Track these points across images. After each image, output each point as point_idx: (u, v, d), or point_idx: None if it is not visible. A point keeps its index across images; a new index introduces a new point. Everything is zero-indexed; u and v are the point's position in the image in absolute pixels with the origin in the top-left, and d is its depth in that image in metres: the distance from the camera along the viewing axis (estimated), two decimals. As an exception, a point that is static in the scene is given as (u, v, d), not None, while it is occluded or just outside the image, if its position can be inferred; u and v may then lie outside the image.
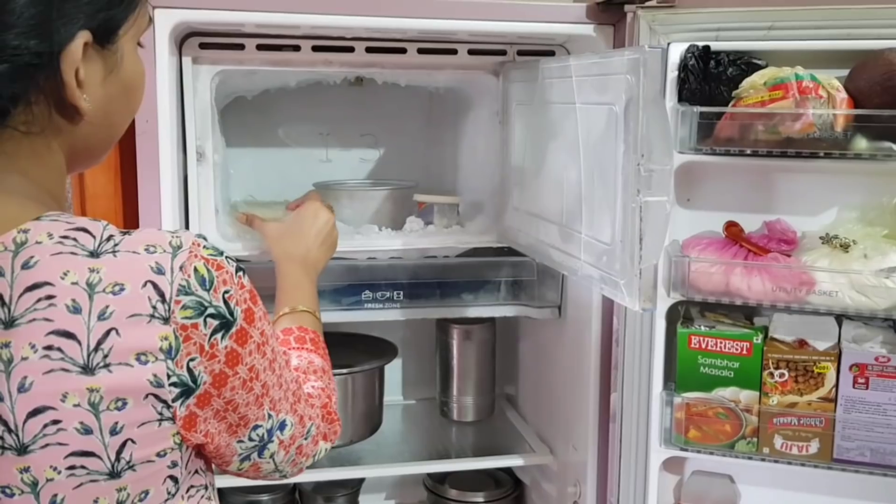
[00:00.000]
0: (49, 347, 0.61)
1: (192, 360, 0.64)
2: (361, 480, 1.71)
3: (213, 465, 0.76)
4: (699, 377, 1.29)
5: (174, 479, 0.67)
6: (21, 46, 0.62)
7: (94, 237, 0.64)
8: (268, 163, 1.71)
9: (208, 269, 0.65)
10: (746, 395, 1.27)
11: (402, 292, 1.52)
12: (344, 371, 1.52)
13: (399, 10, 1.25)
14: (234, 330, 0.67)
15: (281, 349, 0.78)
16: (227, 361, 0.67)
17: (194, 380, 0.65)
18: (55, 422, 0.61)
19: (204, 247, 0.67)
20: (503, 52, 1.45)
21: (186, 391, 0.65)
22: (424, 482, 1.75)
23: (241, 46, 1.33)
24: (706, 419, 1.29)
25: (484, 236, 1.52)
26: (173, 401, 0.64)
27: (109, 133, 0.74)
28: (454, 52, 1.43)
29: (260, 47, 1.34)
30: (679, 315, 1.32)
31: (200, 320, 0.64)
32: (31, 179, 0.67)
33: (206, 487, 0.73)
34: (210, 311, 0.65)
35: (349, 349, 1.60)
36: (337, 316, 1.47)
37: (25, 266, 0.61)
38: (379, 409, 1.63)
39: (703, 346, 1.28)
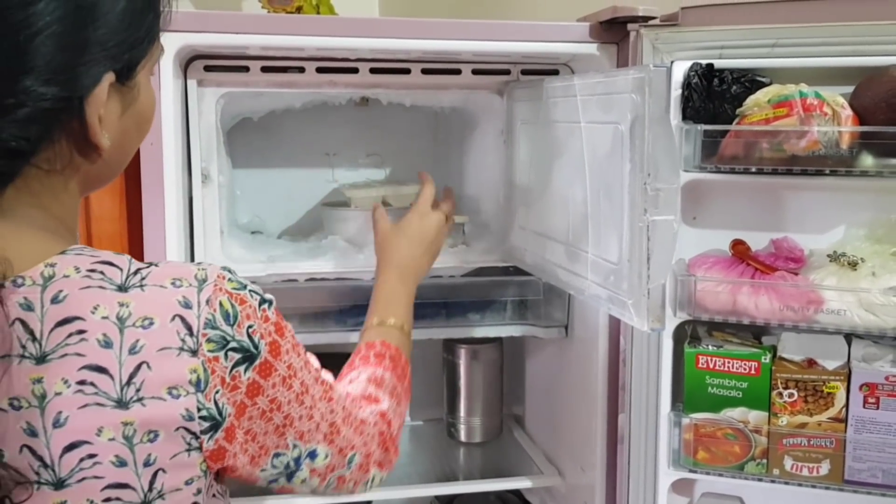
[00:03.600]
0: (82, 382, 0.61)
1: (217, 392, 0.65)
2: (368, 503, 1.70)
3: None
4: (707, 397, 1.28)
5: None
6: (40, 92, 0.62)
7: (120, 270, 0.65)
8: (274, 184, 1.71)
9: (232, 304, 0.67)
10: (755, 416, 1.26)
11: (407, 313, 1.52)
12: (350, 392, 1.51)
13: (403, 32, 1.26)
14: (258, 362, 0.68)
15: (318, 384, 0.77)
16: (247, 392, 0.68)
17: (220, 412, 0.66)
18: (91, 455, 0.62)
19: (229, 280, 0.68)
20: (507, 72, 1.45)
21: (215, 425, 0.66)
22: (432, 504, 1.74)
23: (245, 69, 1.34)
24: (715, 440, 1.28)
25: (490, 255, 1.51)
26: (202, 433, 0.65)
27: (121, 163, 0.75)
28: (458, 72, 1.43)
29: (265, 69, 1.34)
30: (686, 335, 1.31)
31: (221, 354, 0.65)
32: (52, 214, 0.68)
33: None
34: (232, 345, 0.66)
35: (355, 370, 1.60)
36: (342, 337, 1.46)
37: (55, 300, 0.62)
38: (385, 430, 1.62)
39: (711, 365, 1.27)
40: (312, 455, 0.77)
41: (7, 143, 0.62)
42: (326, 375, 0.82)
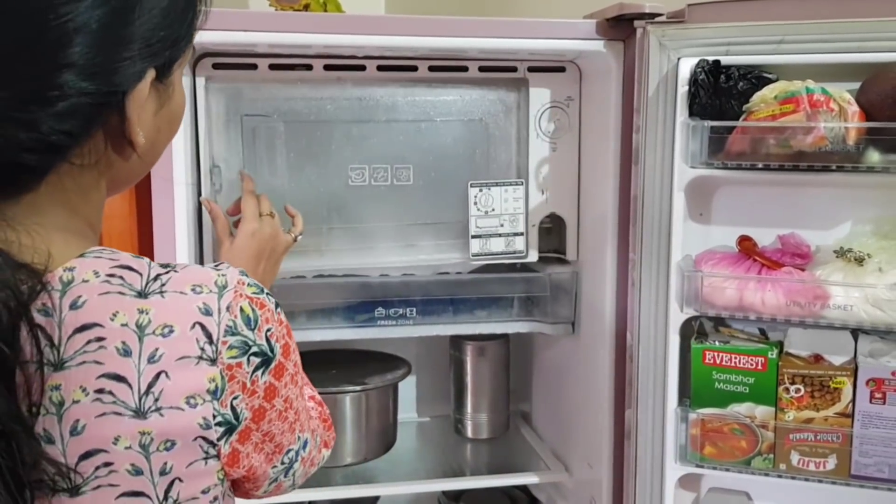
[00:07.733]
0: (100, 391, 0.61)
1: (235, 398, 0.65)
2: (376, 499, 1.71)
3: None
4: (714, 393, 1.28)
5: None
6: (82, 86, 0.61)
7: (140, 275, 0.64)
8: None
9: (253, 309, 0.66)
10: (762, 411, 1.26)
11: (415, 309, 1.52)
12: (358, 388, 1.52)
13: (409, 29, 1.26)
14: (273, 365, 0.68)
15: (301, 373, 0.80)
16: (265, 396, 0.68)
17: (237, 416, 0.66)
18: (107, 464, 0.61)
19: (248, 285, 0.68)
20: (514, 69, 1.45)
21: (229, 429, 0.65)
22: (439, 500, 1.74)
23: (253, 66, 1.35)
24: (721, 435, 1.28)
25: (496, 252, 1.51)
26: (218, 439, 0.65)
27: (150, 162, 0.74)
28: (465, 69, 1.43)
29: (273, 67, 1.35)
30: (693, 330, 1.32)
31: (244, 359, 0.65)
32: (75, 213, 0.67)
33: None
34: (254, 349, 0.66)
35: (362, 366, 1.60)
36: (350, 333, 1.47)
37: (73, 306, 0.61)
38: (393, 426, 1.63)
39: (718, 361, 1.27)
40: (305, 445, 0.78)
41: (47, 137, 0.61)
42: None
